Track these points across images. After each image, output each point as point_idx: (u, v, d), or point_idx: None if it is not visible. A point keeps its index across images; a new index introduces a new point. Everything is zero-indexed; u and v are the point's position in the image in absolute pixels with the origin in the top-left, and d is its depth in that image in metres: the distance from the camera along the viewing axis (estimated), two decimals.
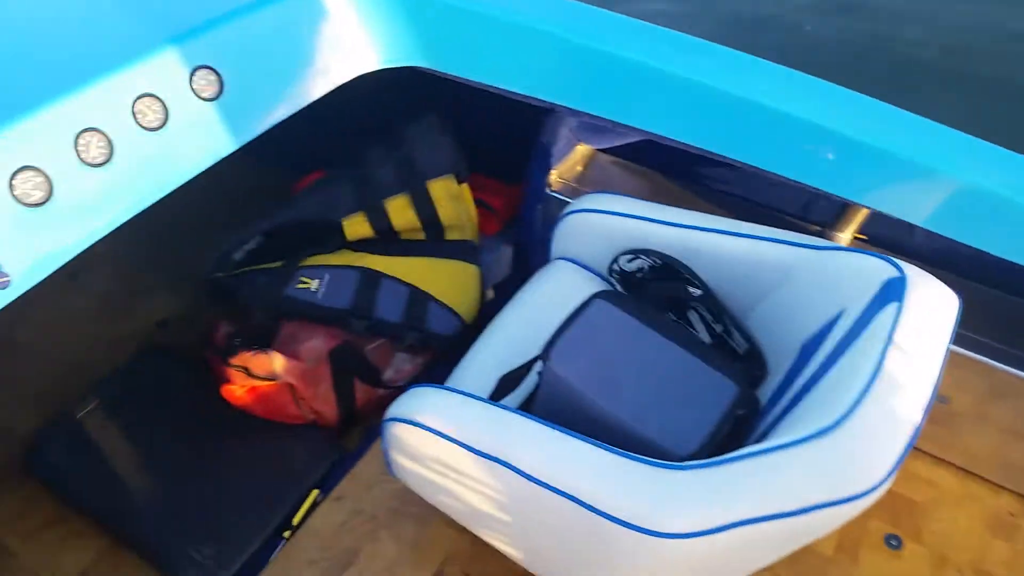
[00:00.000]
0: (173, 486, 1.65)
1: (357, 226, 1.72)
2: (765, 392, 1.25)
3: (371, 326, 1.64)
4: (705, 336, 1.35)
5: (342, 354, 1.67)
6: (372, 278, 1.66)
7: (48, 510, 1.71)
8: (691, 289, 1.34)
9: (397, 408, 1.21)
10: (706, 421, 1.08)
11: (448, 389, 1.21)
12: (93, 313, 2.04)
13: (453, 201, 1.74)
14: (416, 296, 1.66)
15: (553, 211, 1.80)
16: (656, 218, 1.42)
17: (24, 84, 1.22)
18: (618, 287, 1.49)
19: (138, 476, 1.69)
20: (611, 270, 1.47)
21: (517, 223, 1.95)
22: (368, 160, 1.76)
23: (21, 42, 1.32)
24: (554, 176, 1.86)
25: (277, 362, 1.61)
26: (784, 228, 1.32)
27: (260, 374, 1.63)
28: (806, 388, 1.09)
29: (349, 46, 1.53)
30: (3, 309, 1.13)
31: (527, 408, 1.28)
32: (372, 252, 1.70)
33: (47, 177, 1.17)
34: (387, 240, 1.74)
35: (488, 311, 1.77)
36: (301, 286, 1.64)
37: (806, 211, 1.69)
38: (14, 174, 1.14)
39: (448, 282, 1.71)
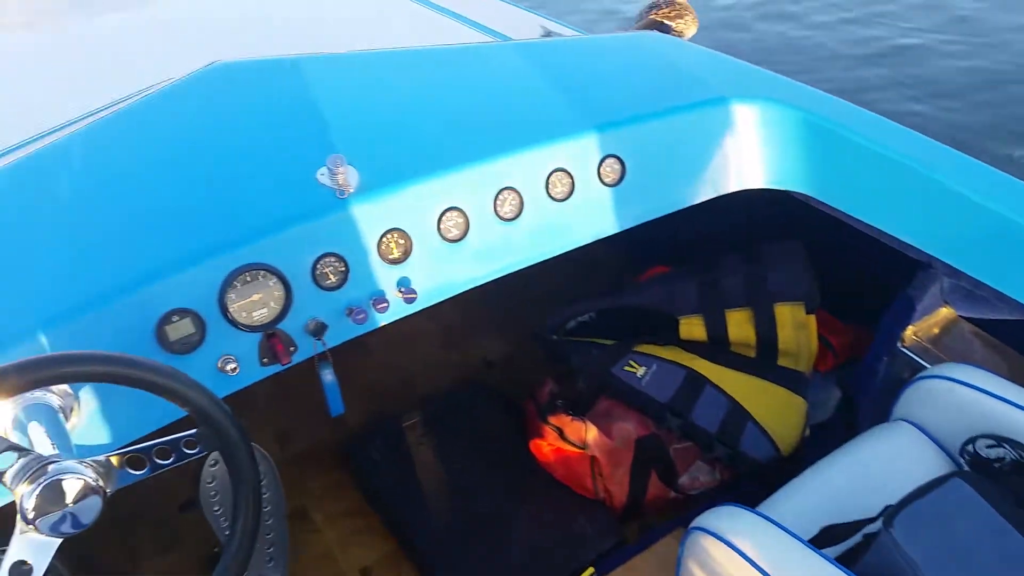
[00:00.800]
0: (463, 514, 1.77)
1: (693, 327, 1.76)
2: None
3: (684, 427, 1.66)
4: None
5: (648, 445, 1.70)
6: (697, 381, 1.68)
7: (352, 500, 1.92)
8: None
9: (709, 520, 1.21)
10: None
11: (767, 518, 1.18)
12: (435, 338, 2.28)
13: (797, 329, 1.72)
14: (736, 411, 1.65)
15: (898, 367, 1.70)
16: None
17: (471, 140, 1.42)
18: (966, 468, 1.37)
19: (434, 494, 1.84)
20: (964, 450, 1.36)
21: (855, 368, 1.87)
22: (719, 267, 1.80)
23: (473, 105, 1.54)
24: (909, 332, 1.76)
25: (590, 433, 1.69)
26: None
27: (571, 439, 1.71)
28: None
29: (741, 161, 1.60)
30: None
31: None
32: (701, 356, 1.73)
33: (467, 220, 1.36)
34: (717, 348, 1.76)
35: (803, 449, 1.72)
36: (628, 369, 1.71)
37: None
38: (444, 212, 1.34)
39: (772, 407, 1.68)
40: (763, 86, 1.66)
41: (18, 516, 0.91)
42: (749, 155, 1.60)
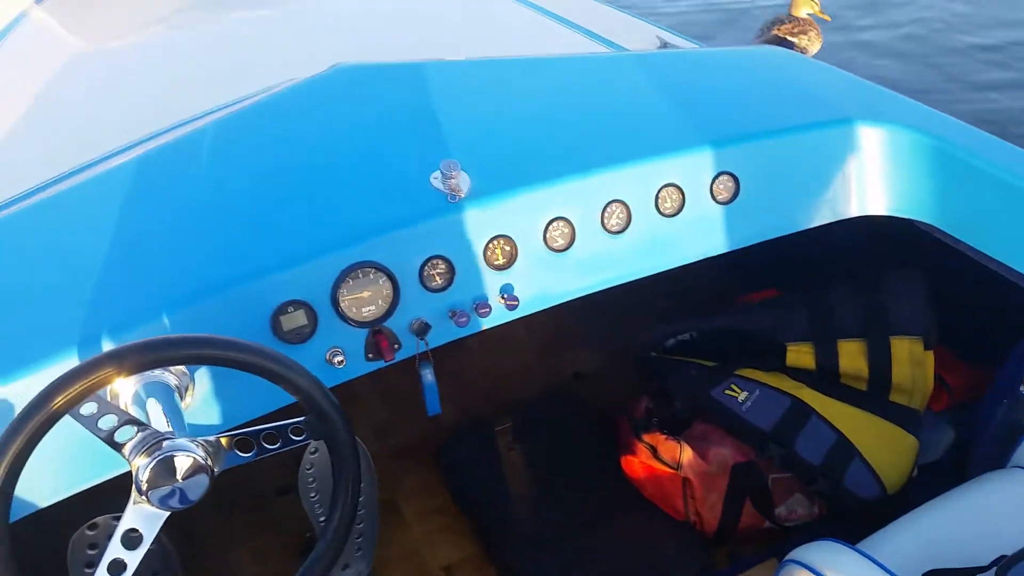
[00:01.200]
0: (549, 523, 1.77)
1: (801, 355, 1.70)
2: None
3: (785, 457, 1.60)
4: None
5: (745, 472, 1.65)
6: (802, 411, 1.62)
7: (441, 499, 1.94)
8: None
9: (807, 554, 1.16)
10: None
11: (868, 557, 1.13)
12: (530, 346, 2.28)
13: (913, 365, 1.64)
14: (842, 446, 1.58)
15: (1019, 413, 1.60)
16: None
17: (582, 151, 1.42)
18: None
19: (521, 500, 1.84)
20: None
21: (971, 410, 1.76)
22: (832, 294, 1.74)
23: (587, 115, 1.54)
24: None
25: (685, 454, 1.65)
26: None
27: (665, 458, 1.68)
28: None
29: (864, 186, 1.53)
30: None
31: None
32: (808, 385, 1.66)
33: (574, 230, 1.35)
34: (826, 378, 1.69)
35: (910, 489, 1.63)
36: (729, 393, 1.66)
37: None
38: (551, 221, 1.34)
39: (880, 444, 1.60)
40: (892, 109, 1.59)
41: (133, 487, 0.96)
42: (873, 180, 1.53)
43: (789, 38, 4.21)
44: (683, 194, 1.41)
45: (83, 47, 2.46)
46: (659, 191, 1.40)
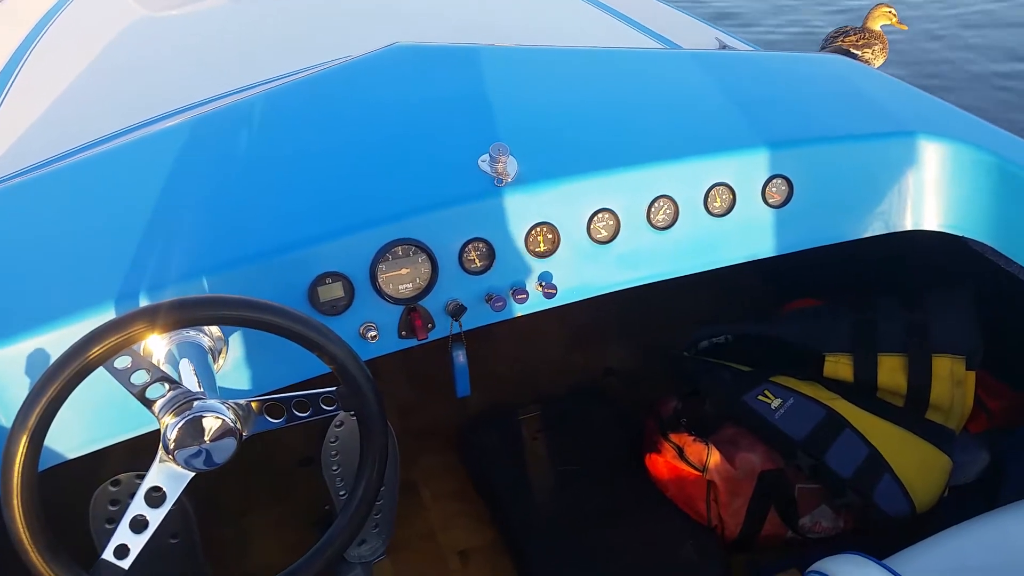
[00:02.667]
0: (568, 515, 1.75)
1: (839, 366, 1.66)
2: None
3: (815, 468, 1.57)
4: None
5: (773, 480, 1.62)
6: (836, 423, 1.59)
7: (461, 483, 1.93)
8: None
9: (832, 566, 1.14)
10: None
11: (894, 573, 1.11)
12: (562, 338, 2.27)
13: (954, 384, 1.60)
14: (874, 460, 1.55)
15: None
16: None
17: (633, 144, 1.39)
18: None
19: (542, 490, 1.83)
20: None
21: (1009, 435, 1.72)
22: (876, 308, 1.70)
23: (640, 109, 1.51)
24: None
25: (712, 457, 1.63)
26: None
27: (691, 459, 1.65)
28: None
29: (919, 199, 1.49)
30: None
31: None
32: (844, 397, 1.63)
33: (618, 223, 1.33)
34: (863, 391, 1.65)
35: (939, 510, 1.60)
36: (763, 399, 1.63)
37: None
38: (596, 212, 1.32)
39: (913, 462, 1.56)
40: (953, 124, 1.55)
41: (160, 445, 0.96)
42: (929, 194, 1.49)
43: (853, 50, 4.14)
44: (734, 194, 1.38)
45: (145, 13, 2.48)
46: (709, 190, 1.37)
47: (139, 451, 1.06)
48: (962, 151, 1.47)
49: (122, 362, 0.93)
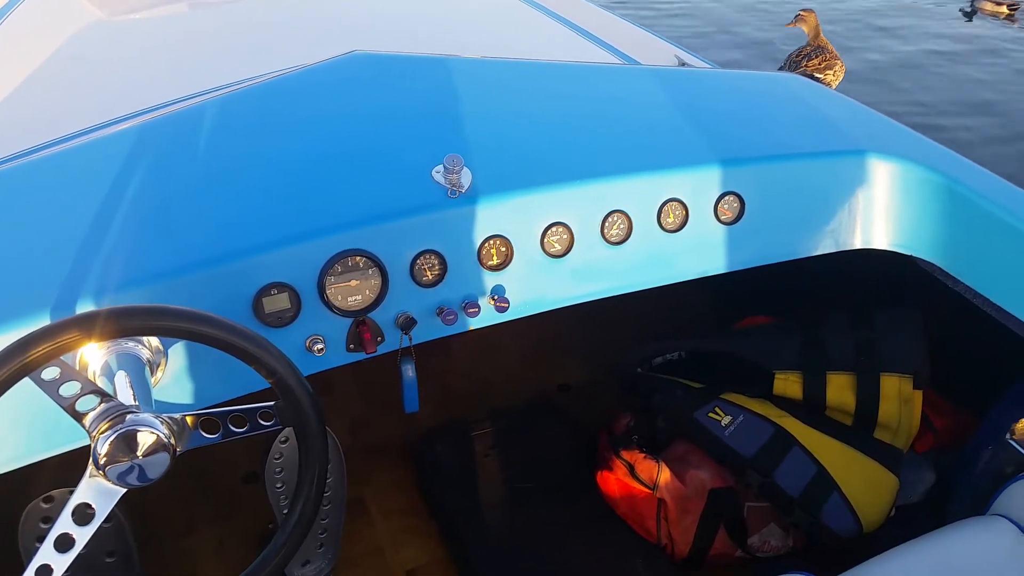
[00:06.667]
0: (518, 533, 1.73)
1: (788, 384, 1.67)
2: None
3: (764, 486, 1.57)
4: None
5: (722, 498, 1.62)
6: (785, 441, 1.59)
7: (411, 499, 1.90)
8: None
9: None
10: None
11: None
12: (515, 352, 2.25)
13: (901, 403, 1.61)
14: (822, 478, 1.56)
15: (1003, 460, 1.58)
16: None
17: (588, 158, 1.39)
18: None
19: (493, 507, 1.80)
20: None
21: (954, 453, 1.74)
22: (826, 326, 1.71)
23: (596, 124, 1.51)
24: (1020, 425, 1.63)
25: (663, 475, 1.62)
26: None
27: (641, 477, 1.65)
28: None
29: (869, 218, 1.51)
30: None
31: None
32: (793, 415, 1.63)
33: (572, 237, 1.32)
34: (811, 409, 1.66)
35: (885, 529, 1.61)
36: (713, 416, 1.63)
37: None
38: (550, 226, 1.31)
39: (861, 481, 1.57)
40: (905, 144, 1.57)
41: (90, 460, 0.92)
42: (879, 213, 1.51)
43: (817, 74, 4.28)
44: (687, 210, 1.38)
45: (100, 16, 2.43)
46: (662, 205, 1.37)
47: (77, 466, 1.01)
48: (912, 171, 1.49)
49: (50, 373, 0.89)
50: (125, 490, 0.94)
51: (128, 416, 0.91)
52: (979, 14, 7.82)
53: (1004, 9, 7.68)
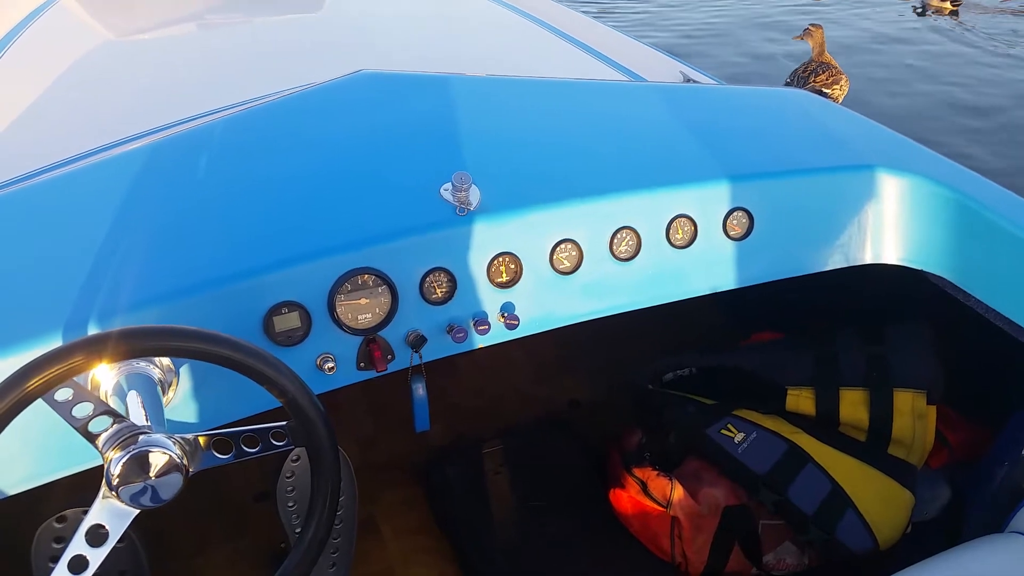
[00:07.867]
0: (530, 552, 1.72)
1: (801, 400, 1.66)
2: None
3: (778, 503, 1.56)
4: None
5: (737, 516, 1.61)
6: (799, 457, 1.58)
7: (422, 518, 1.89)
8: None
9: None
10: None
11: None
12: (525, 370, 2.25)
13: (915, 419, 1.60)
14: (837, 495, 1.54)
15: (1019, 477, 1.57)
16: None
17: (596, 175, 1.39)
18: None
19: (505, 526, 1.79)
20: None
21: (970, 469, 1.72)
22: (837, 341, 1.71)
23: (604, 140, 1.51)
24: None
25: (676, 492, 1.61)
26: None
27: (654, 495, 1.63)
28: None
29: (879, 233, 1.51)
30: None
31: None
32: (806, 431, 1.62)
33: (581, 254, 1.32)
34: (825, 426, 1.65)
35: (901, 546, 1.59)
36: (725, 432, 1.62)
37: None
38: (559, 243, 1.31)
39: (876, 498, 1.56)
40: (914, 159, 1.57)
41: (103, 480, 0.92)
42: (889, 228, 1.50)
43: (825, 90, 4.30)
44: (695, 226, 1.38)
45: (109, 36, 2.46)
46: (671, 221, 1.37)
47: (89, 487, 1.01)
48: (921, 185, 1.49)
49: (63, 394, 0.90)
50: (138, 511, 0.94)
51: (141, 437, 0.91)
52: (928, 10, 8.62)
53: (948, 5, 8.50)
